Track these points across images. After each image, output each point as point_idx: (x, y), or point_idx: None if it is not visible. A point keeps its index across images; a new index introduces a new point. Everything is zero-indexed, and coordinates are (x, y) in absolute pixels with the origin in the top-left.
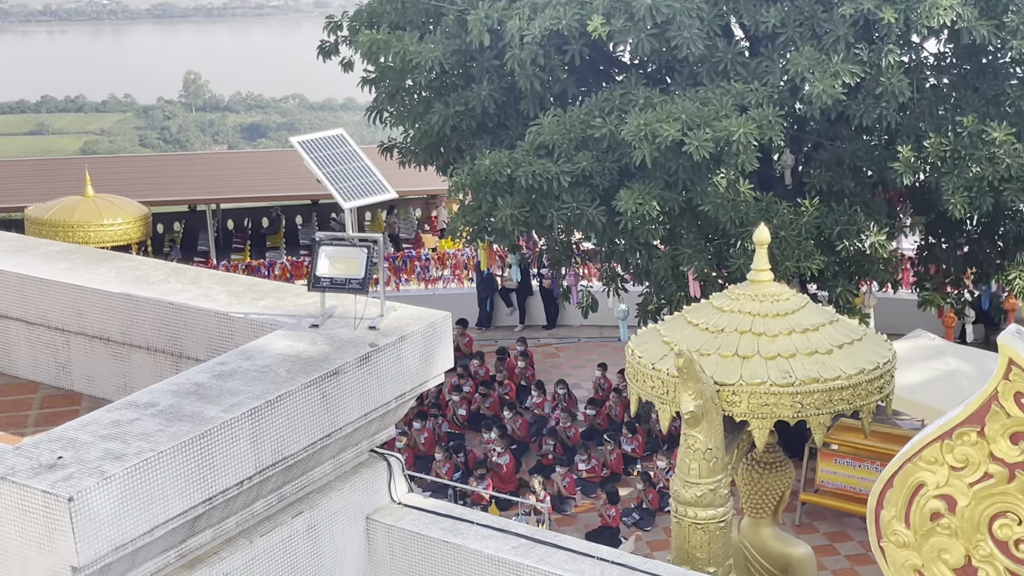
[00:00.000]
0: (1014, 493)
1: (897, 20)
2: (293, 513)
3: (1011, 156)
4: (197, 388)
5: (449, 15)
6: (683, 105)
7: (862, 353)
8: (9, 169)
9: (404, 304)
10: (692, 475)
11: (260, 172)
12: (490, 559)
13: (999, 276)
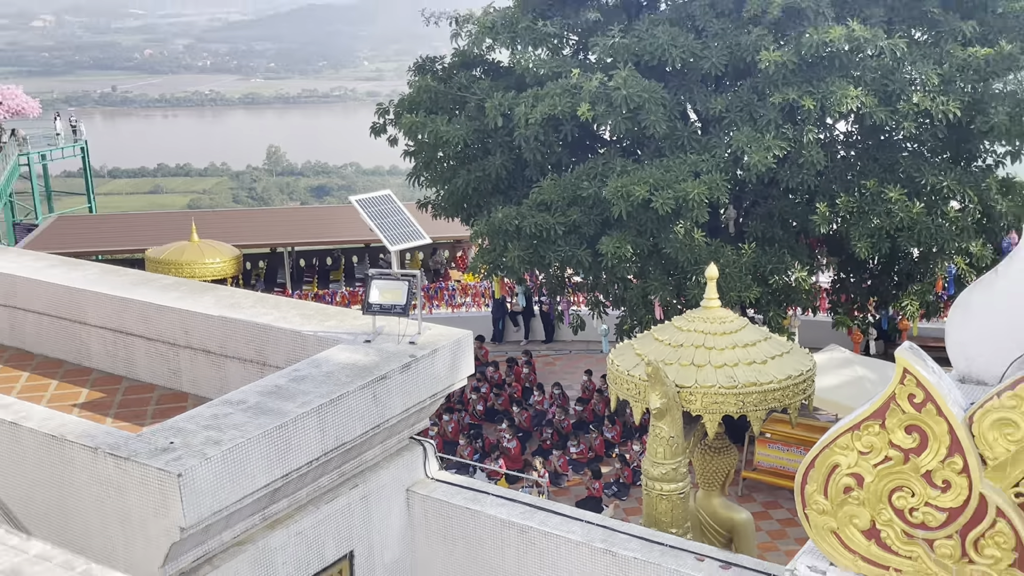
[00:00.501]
0: (908, 472)
1: (815, 107)
2: (351, 485)
3: (903, 212)
4: (277, 389)
5: (471, 103)
6: (650, 172)
7: (789, 363)
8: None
9: (436, 324)
10: (659, 457)
11: (325, 222)
12: (502, 522)
13: (895, 303)
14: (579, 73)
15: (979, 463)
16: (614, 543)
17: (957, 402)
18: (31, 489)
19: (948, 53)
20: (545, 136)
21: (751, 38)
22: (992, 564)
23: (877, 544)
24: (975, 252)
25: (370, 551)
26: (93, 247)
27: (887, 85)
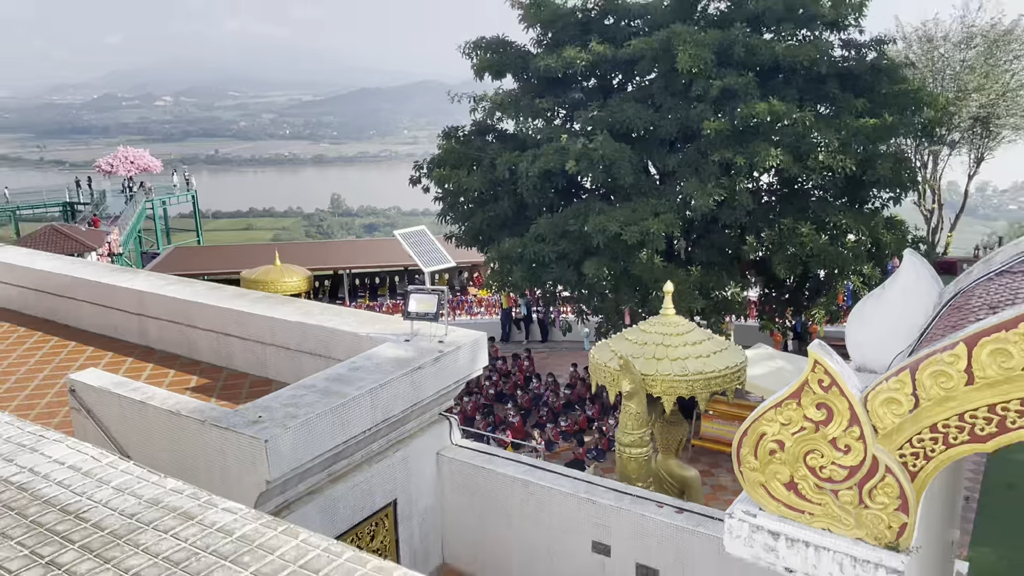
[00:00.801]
0: (818, 439)
1: (745, 163)
2: (395, 450)
3: (812, 243)
4: (339, 377)
5: (485, 160)
6: (621, 212)
7: (727, 357)
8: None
9: (458, 328)
10: (628, 428)
11: (374, 251)
12: (510, 478)
13: (806, 312)
14: (567, 138)
15: (872, 432)
16: (594, 494)
17: (855, 385)
18: (155, 452)
19: (845, 123)
20: (541, 185)
21: (696, 111)
22: (882, 508)
23: (795, 494)
24: (867, 273)
25: (409, 499)
26: (201, 270)
27: (799, 147)
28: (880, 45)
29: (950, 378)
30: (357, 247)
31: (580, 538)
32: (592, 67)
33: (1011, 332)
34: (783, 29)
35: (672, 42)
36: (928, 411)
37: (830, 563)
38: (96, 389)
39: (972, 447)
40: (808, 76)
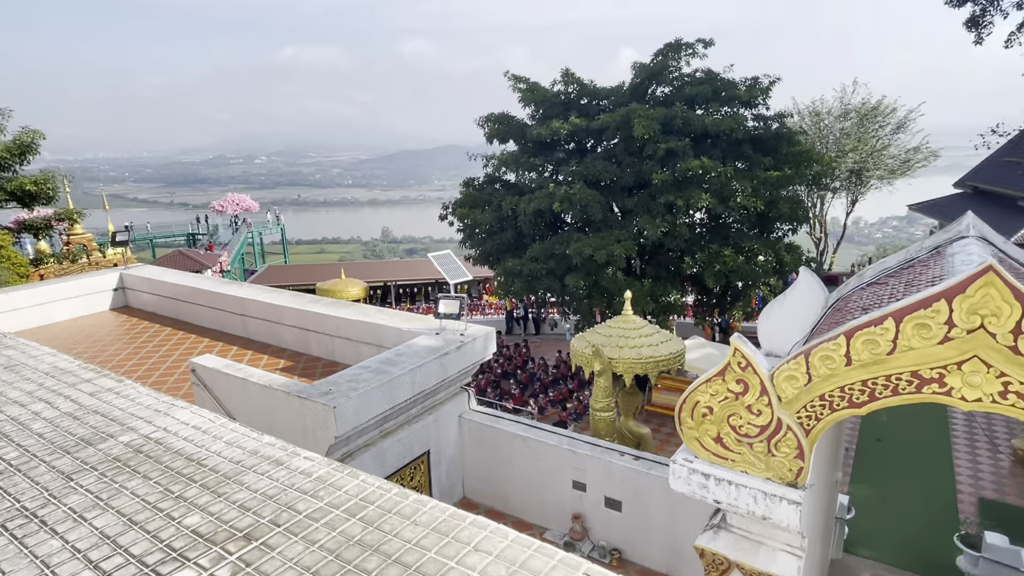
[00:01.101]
0: (738, 405)
1: (683, 204)
2: (428, 413)
3: (733, 262)
4: (387, 360)
5: (493, 202)
6: (593, 240)
7: (671, 346)
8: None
9: (474, 324)
10: (599, 397)
11: (413, 269)
12: (511, 434)
13: (728, 312)
14: (553, 186)
15: (777, 400)
16: (574, 446)
17: (765, 366)
18: (252, 415)
19: (756, 175)
20: (535, 220)
21: (648, 167)
22: (785, 456)
23: (721, 445)
24: (773, 284)
25: (438, 450)
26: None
27: (723, 192)
28: (781, 118)
29: (834, 361)
30: (400, 266)
31: (564, 478)
32: (571, 135)
33: (877, 327)
34: (710, 107)
35: (630, 116)
36: (818, 385)
37: (747, 497)
38: (210, 369)
39: (850, 411)
40: (729, 141)
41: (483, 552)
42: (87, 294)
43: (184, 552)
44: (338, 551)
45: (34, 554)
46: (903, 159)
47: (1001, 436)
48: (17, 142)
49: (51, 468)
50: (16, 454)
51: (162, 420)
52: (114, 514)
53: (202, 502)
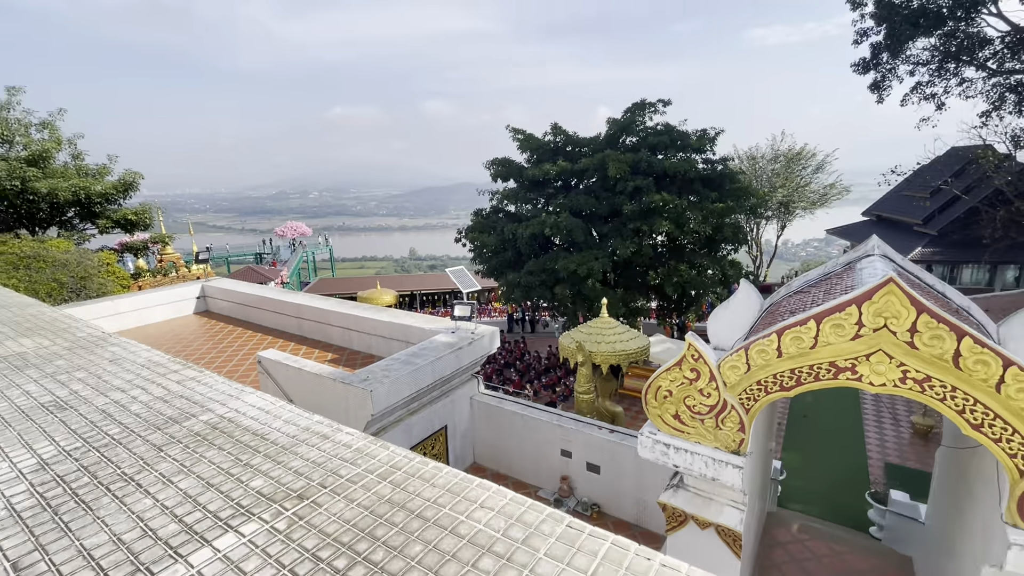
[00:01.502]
0: (692, 389)
1: (647, 229)
2: (446, 396)
3: (688, 275)
4: (414, 353)
5: (498, 228)
6: (576, 258)
7: (639, 342)
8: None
9: (483, 325)
10: (581, 383)
11: (434, 281)
12: (512, 412)
13: (684, 315)
14: (545, 215)
15: (723, 385)
16: (562, 422)
17: (713, 357)
18: (306, 397)
19: (705, 206)
20: (530, 243)
21: (620, 200)
22: (730, 430)
23: (678, 421)
24: (719, 293)
25: (454, 425)
26: (333, 291)
27: (679, 220)
28: (724, 161)
29: (768, 354)
30: (424, 278)
31: (553, 447)
32: (559, 175)
33: (802, 327)
34: (669, 153)
35: (605, 160)
36: (755, 373)
37: (700, 462)
38: (273, 361)
39: (781, 394)
40: (683, 179)
41: (487, 508)
42: (175, 301)
43: (250, 508)
44: (372, 507)
45: (131, 510)
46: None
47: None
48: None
49: (145, 441)
50: (118, 430)
51: (234, 403)
52: (195, 478)
53: (264, 468)
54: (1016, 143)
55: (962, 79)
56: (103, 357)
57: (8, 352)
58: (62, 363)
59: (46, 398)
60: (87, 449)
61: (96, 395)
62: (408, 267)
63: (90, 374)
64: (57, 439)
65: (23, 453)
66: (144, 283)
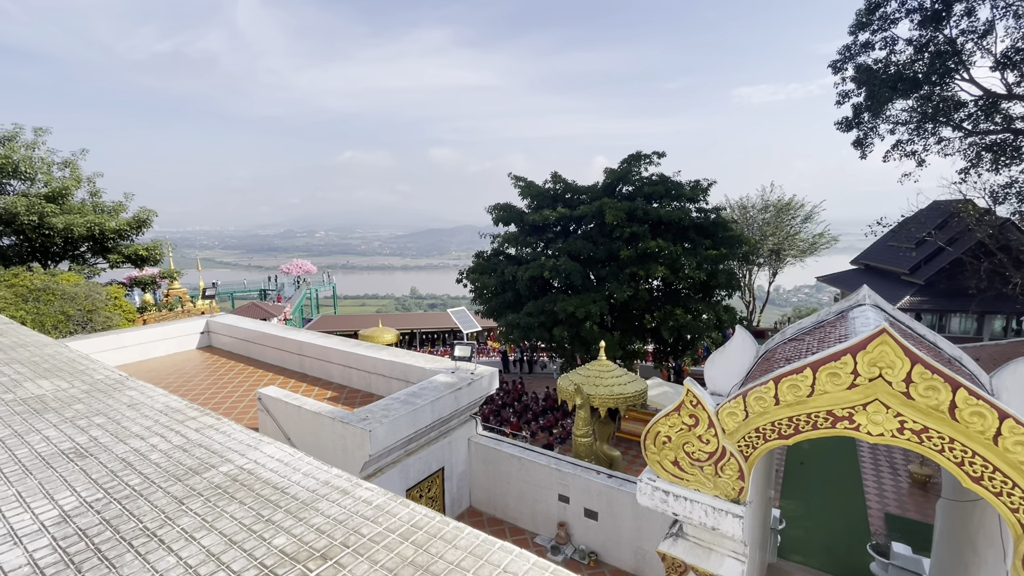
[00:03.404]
0: (691, 435)
1: (643, 274)
2: (444, 436)
3: (683, 320)
4: (413, 393)
5: (498, 270)
6: (574, 300)
7: (636, 385)
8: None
9: (482, 365)
10: (579, 426)
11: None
12: (509, 455)
13: (680, 359)
14: (544, 259)
15: (722, 432)
16: (560, 465)
17: (711, 404)
18: (304, 436)
19: (699, 253)
20: (530, 285)
21: (617, 245)
22: (729, 478)
23: (678, 468)
24: (715, 338)
25: (451, 467)
26: (335, 328)
27: (674, 266)
28: (717, 211)
29: (765, 401)
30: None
31: (551, 492)
32: (558, 220)
33: (799, 375)
34: (663, 202)
35: (603, 208)
36: (753, 420)
37: (700, 511)
38: (273, 398)
39: (779, 442)
40: (678, 227)
41: (510, 574)
42: (179, 336)
43: (274, 568)
44: (396, 570)
45: (155, 568)
46: (811, 242)
47: (899, 462)
48: (136, 218)
49: (166, 493)
50: (138, 480)
51: (253, 453)
52: (218, 535)
53: (287, 525)
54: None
55: (940, 138)
56: (121, 402)
57: (27, 394)
58: (81, 407)
59: (66, 444)
60: (108, 501)
61: (115, 442)
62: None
63: (109, 419)
64: (78, 489)
65: (45, 504)
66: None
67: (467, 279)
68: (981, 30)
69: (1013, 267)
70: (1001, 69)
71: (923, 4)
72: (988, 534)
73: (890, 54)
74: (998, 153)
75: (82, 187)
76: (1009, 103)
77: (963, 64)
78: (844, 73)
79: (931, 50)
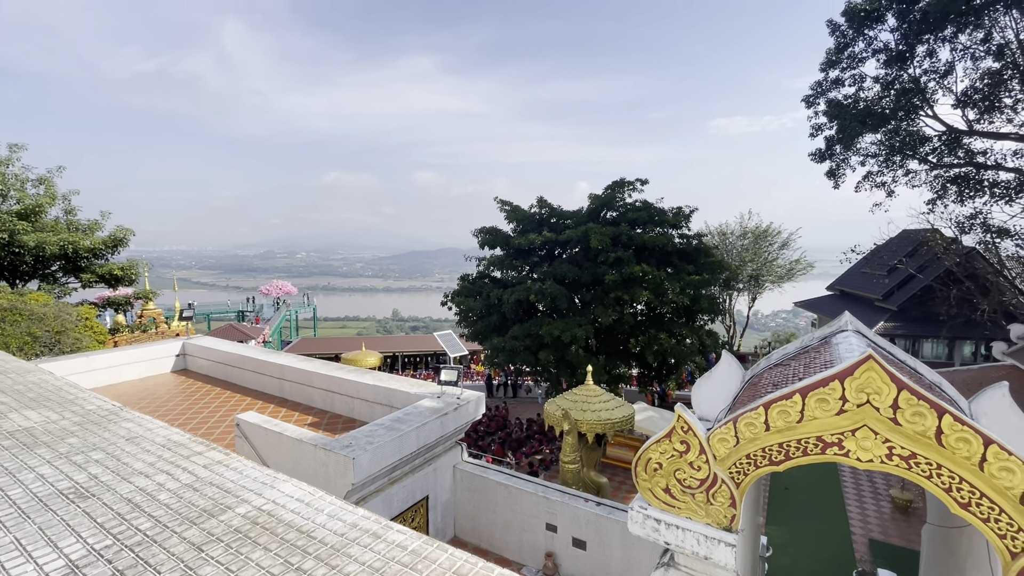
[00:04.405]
0: (682, 462)
1: (628, 299)
2: (429, 464)
3: (667, 344)
4: (398, 419)
5: (483, 293)
6: (560, 324)
7: (624, 410)
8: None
9: (468, 389)
10: (567, 452)
11: (416, 343)
12: (495, 483)
13: (665, 384)
14: (531, 282)
15: (713, 458)
16: (547, 493)
17: (703, 430)
18: (283, 463)
19: (682, 278)
20: (515, 308)
21: (601, 270)
22: (721, 505)
23: (669, 495)
24: (698, 362)
25: (436, 495)
26: (315, 351)
27: (658, 290)
28: (699, 237)
29: (756, 427)
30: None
31: (538, 520)
32: (544, 244)
33: (788, 400)
34: (647, 227)
35: (588, 232)
36: (744, 447)
37: (692, 539)
38: (252, 424)
39: (770, 468)
40: (662, 252)
41: None
42: (153, 359)
43: None
44: None
45: None
46: (788, 268)
47: (880, 486)
48: (112, 237)
49: (182, 539)
50: (149, 524)
51: (270, 492)
52: None
53: (319, 574)
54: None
55: (907, 170)
56: (118, 435)
57: (14, 427)
58: (75, 441)
59: (63, 483)
60: (119, 548)
61: (118, 480)
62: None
63: (108, 455)
64: (84, 535)
65: (48, 553)
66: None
67: (452, 302)
68: (942, 70)
69: (980, 295)
70: (962, 107)
71: (888, 45)
72: (977, 561)
73: (859, 90)
74: (963, 186)
75: (57, 204)
76: (970, 139)
77: (927, 101)
78: (817, 107)
79: (897, 88)
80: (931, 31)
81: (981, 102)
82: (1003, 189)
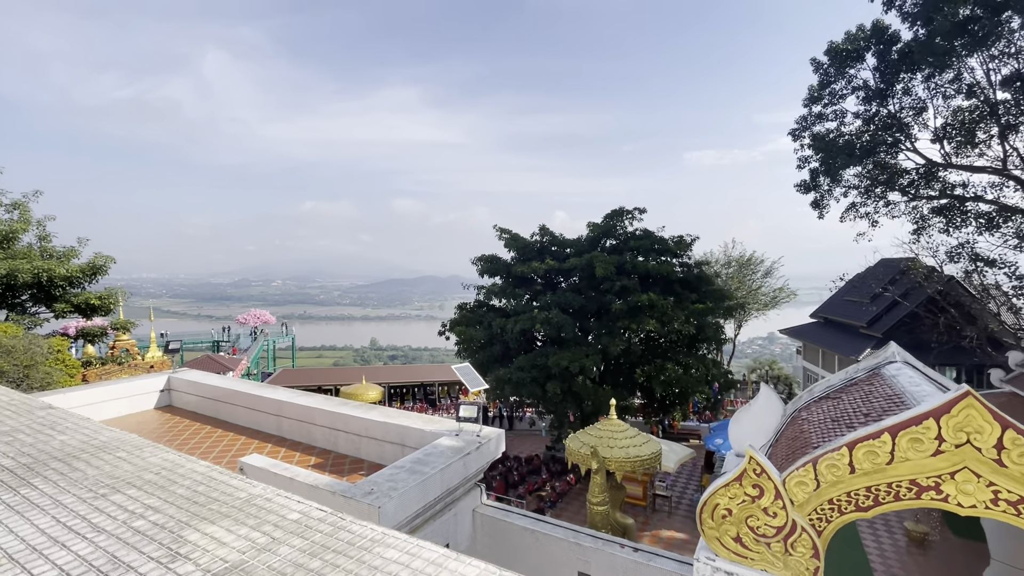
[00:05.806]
0: (755, 508)
1: (635, 328)
2: (449, 509)
3: (673, 374)
4: (419, 460)
5: (484, 322)
6: (566, 354)
7: (651, 447)
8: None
9: (487, 427)
10: (595, 492)
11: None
12: (522, 528)
13: (670, 415)
14: (536, 311)
15: (790, 503)
16: (579, 538)
17: (776, 471)
18: None
19: (686, 306)
20: (519, 338)
21: (607, 299)
22: (801, 556)
23: (740, 545)
24: (704, 392)
25: (455, 543)
26: (297, 383)
27: (663, 320)
28: (700, 266)
29: (839, 469)
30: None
31: (569, 569)
32: (546, 273)
33: (875, 440)
34: (651, 256)
35: (592, 261)
36: (826, 491)
37: None
38: (257, 468)
39: (857, 514)
40: (666, 281)
41: None
42: (134, 395)
43: None
44: None
45: None
46: (772, 296)
47: (893, 518)
48: (90, 265)
49: None
50: None
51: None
52: None
53: None
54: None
55: (888, 202)
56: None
57: None
58: None
59: None
60: None
61: None
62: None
63: None
64: None
65: None
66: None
67: (451, 332)
68: (918, 107)
69: (966, 322)
70: (939, 141)
71: (867, 83)
72: None
73: (841, 125)
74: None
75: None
76: (946, 171)
77: (907, 136)
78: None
79: (877, 123)
80: (910, 70)
81: (956, 137)
82: (986, 220)
